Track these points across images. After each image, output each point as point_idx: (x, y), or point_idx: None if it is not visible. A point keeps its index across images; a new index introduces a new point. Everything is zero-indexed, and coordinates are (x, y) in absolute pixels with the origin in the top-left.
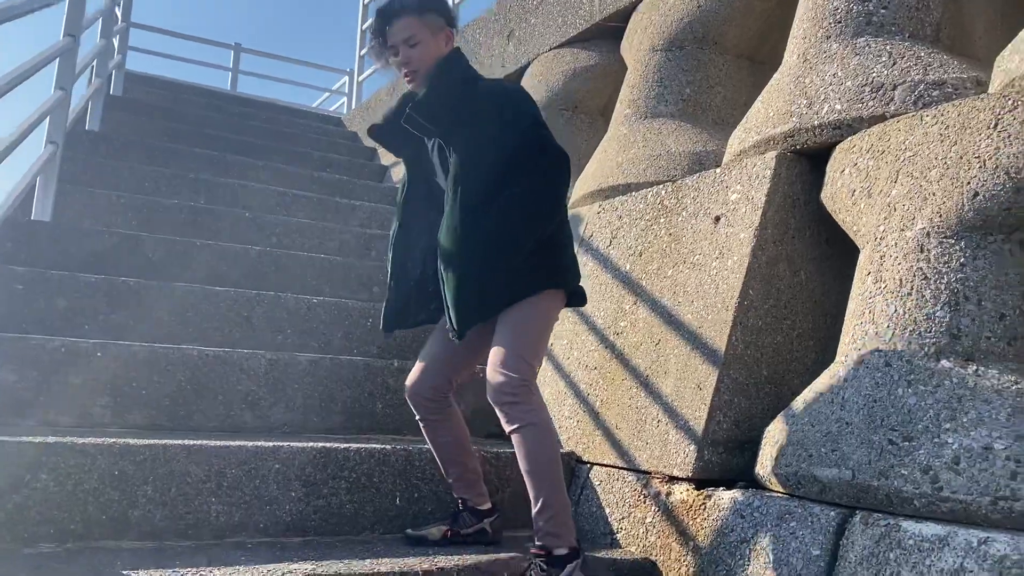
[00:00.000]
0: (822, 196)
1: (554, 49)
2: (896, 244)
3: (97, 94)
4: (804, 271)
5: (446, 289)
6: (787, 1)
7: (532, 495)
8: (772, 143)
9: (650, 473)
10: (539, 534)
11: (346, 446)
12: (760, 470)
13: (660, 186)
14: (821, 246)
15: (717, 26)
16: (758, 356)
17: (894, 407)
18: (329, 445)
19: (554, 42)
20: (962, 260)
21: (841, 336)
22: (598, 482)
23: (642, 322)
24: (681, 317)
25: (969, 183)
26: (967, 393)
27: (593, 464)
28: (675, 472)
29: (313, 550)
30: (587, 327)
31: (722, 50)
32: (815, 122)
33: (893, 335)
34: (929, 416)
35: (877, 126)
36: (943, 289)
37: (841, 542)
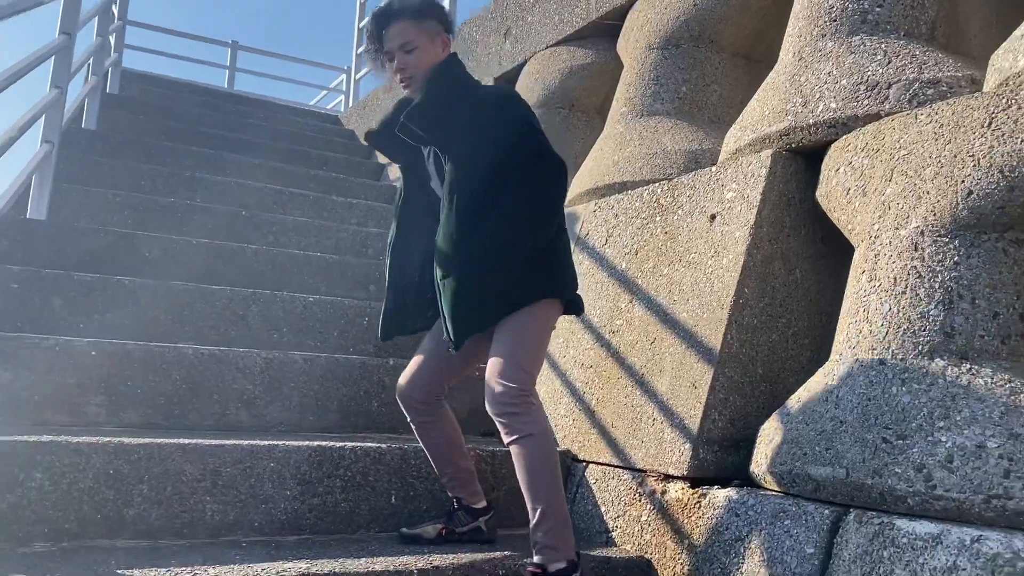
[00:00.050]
0: (817, 194)
1: (551, 47)
2: (890, 243)
3: (93, 92)
4: (799, 269)
5: (443, 299)
6: None
7: (530, 507)
8: (768, 141)
9: (645, 471)
10: (536, 547)
11: (341, 445)
12: (755, 468)
13: (656, 184)
14: (816, 244)
15: (713, 24)
16: (753, 354)
17: (888, 406)
18: (325, 444)
19: (551, 40)
20: (956, 259)
21: (836, 335)
22: (593, 480)
23: (638, 320)
24: (676, 315)
25: (963, 181)
26: (961, 392)
27: (589, 462)
28: (670, 470)
29: (308, 549)
30: (583, 325)
31: (718, 48)
32: (810, 120)
33: (887, 334)
34: (923, 415)
35: (872, 125)
36: (937, 288)
37: (835, 540)
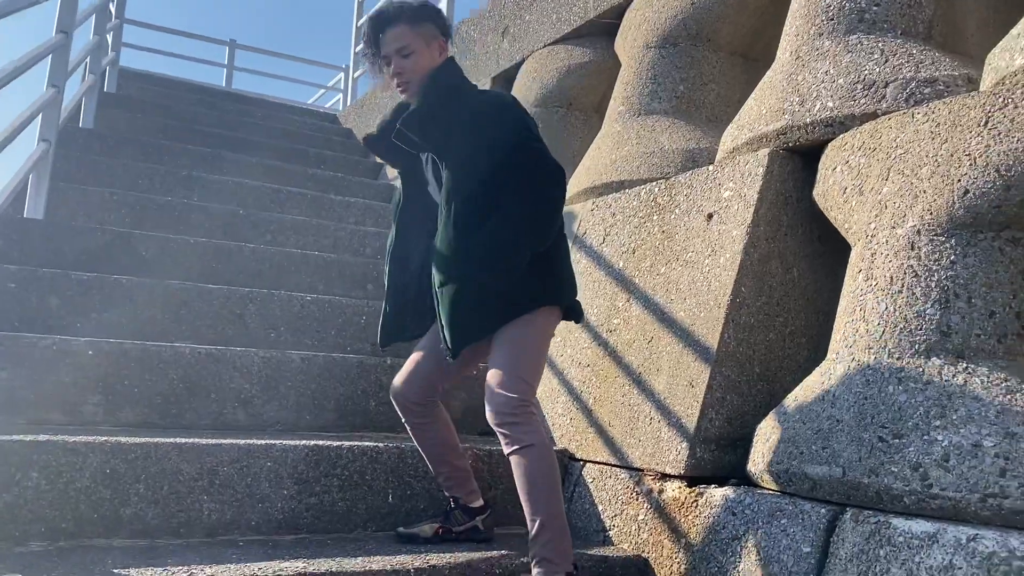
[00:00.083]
0: (814, 193)
1: (549, 46)
2: (887, 242)
3: (91, 91)
4: (796, 268)
5: (440, 307)
6: None
7: (529, 518)
8: (765, 140)
9: (643, 470)
10: (534, 560)
11: (339, 444)
12: (752, 467)
13: (653, 183)
14: (813, 243)
15: (711, 23)
16: (750, 353)
17: (884, 405)
18: (321, 443)
19: (548, 39)
20: (952, 258)
21: (832, 333)
22: (591, 479)
23: (635, 319)
24: (674, 314)
25: (960, 181)
26: (957, 391)
27: (586, 461)
28: (667, 469)
29: (305, 548)
30: (580, 324)
31: (716, 47)
32: (807, 120)
33: (884, 333)
34: (919, 414)
35: (869, 124)
36: (933, 287)
37: (831, 539)
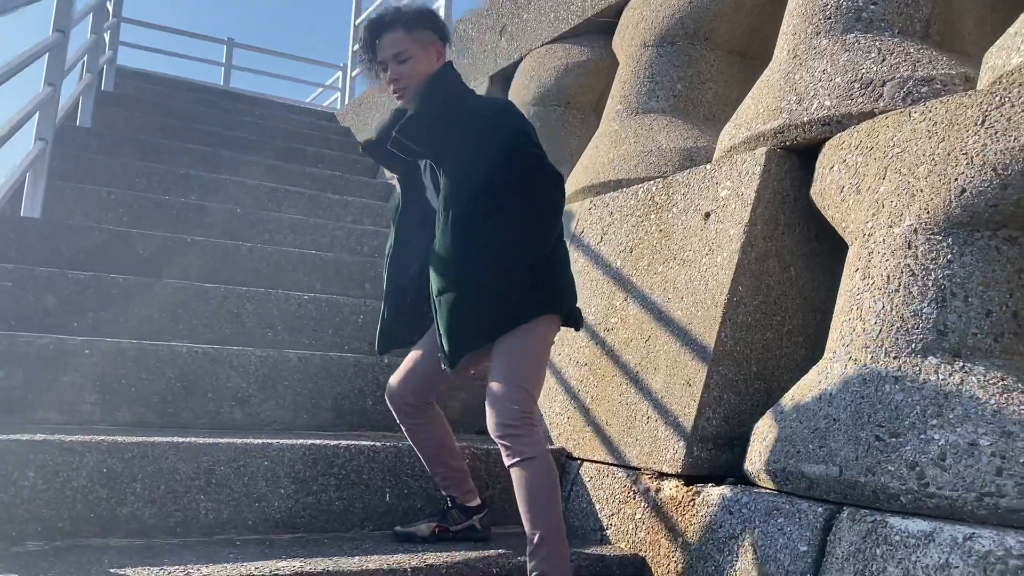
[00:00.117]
0: (812, 192)
1: (546, 44)
2: (884, 241)
3: (88, 90)
4: (794, 267)
5: (438, 316)
6: None
7: (528, 531)
8: (762, 139)
9: (640, 469)
10: (533, 574)
11: (336, 443)
12: (749, 466)
13: (651, 182)
14: (811, 242)
15: (708, 21)
16: (747, 352)
17: (881, 404)
18: (319, 442)
19: (546, 37)
20: (949, 257)
21: (829, 332)
22: (588, 478)
23: (632, 318)
24: (671, 313)
25: (957, 179)
26: (953, 390)
27: (583, 460)
28: (664, 468)
29: (302, 547)
30: None
31: (713, 46)
32: (805, 118)
33: (880, 332)
34: (916, 412)
35: (866, 122)
36: (930, 286)
37: (828, 538)
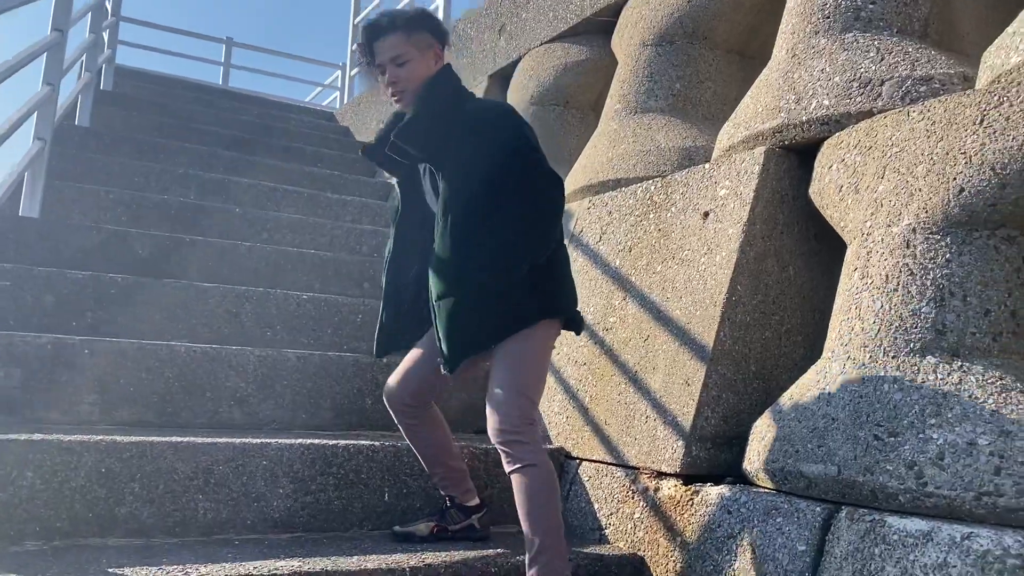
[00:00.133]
0: (810, 192)
1: (545, 44)
2: (882, 240)
3: (86, 89)
4: (792, 267)
5: (437, 321)
6: None
7: (527, 538)
8: (761, 139)
9: (638, 469)
10: None
11: (335, 442)
12: (747, 466)
13: (649, 182)
14: (810, 242)
15: (707, 21)
16: (746, 352)
17: (880, 403)
18: (317, 441)
19: (545, 37)
20: (948, 256)
21: (828, 332)
22: (587, 478)
23: (631, 318)
24: (670, 313)
25: (955, 179)
26: (952, 389)
27: (582, 460)
28: (663, 468)
29: (300, 547)
30: None
31: (712, 45)
32: (803, 118)
33: (879, 331)
34: (914, 412)
35: (864, 122)
36: (929, 285)
37: (827, 537)
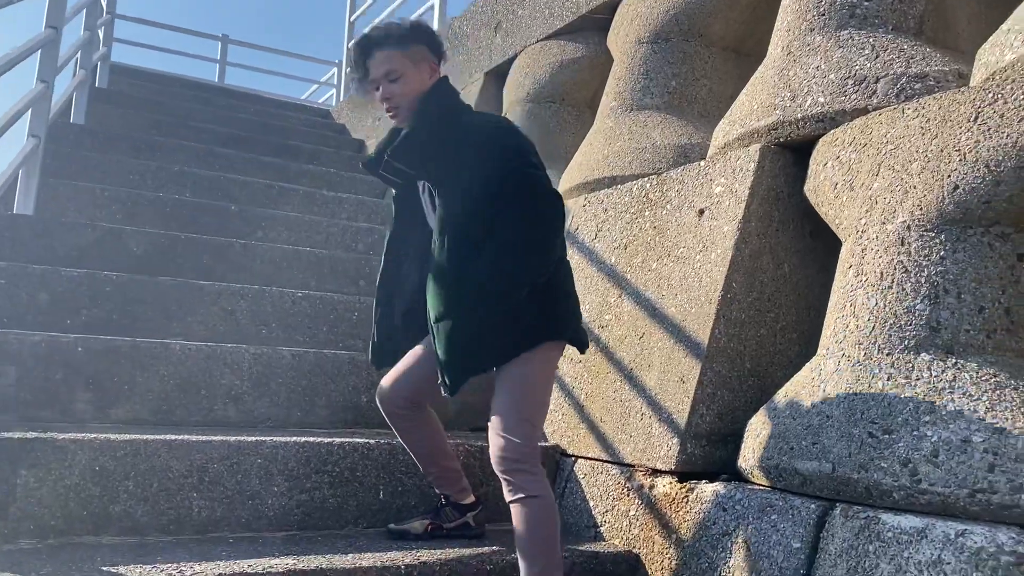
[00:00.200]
0: (805, 189)
1: (541, 41)
2: (877, 237)
3: (81, 86)
4: (788, 264)
5: (436, 342)
6: None
7: (524, 568)
8: (756, 136)
9: (634, 466)
10: None
11: (329, 440)
12: (742, 463)
13: (645, 179)
14: (805, 239)
15: (703, 18)
16: (741, 349)
17: (874, 400)
18: (312, 439)
19: (541, 34)
20: (942, 253)
21: (823, 329)
22: (582, 475)
23: (627, 315)
24: (665, 310)
25: (949, 176)
26: (946, 386)
27: (577, 457)
28: (658, 465)
29: (295, 545)
30: None
31: (708, 42)
32: (798, 115)
33: (874, 328)
34: (909, 409)
35: (860, 119)
36: (923, 282)
37: (822, 535)
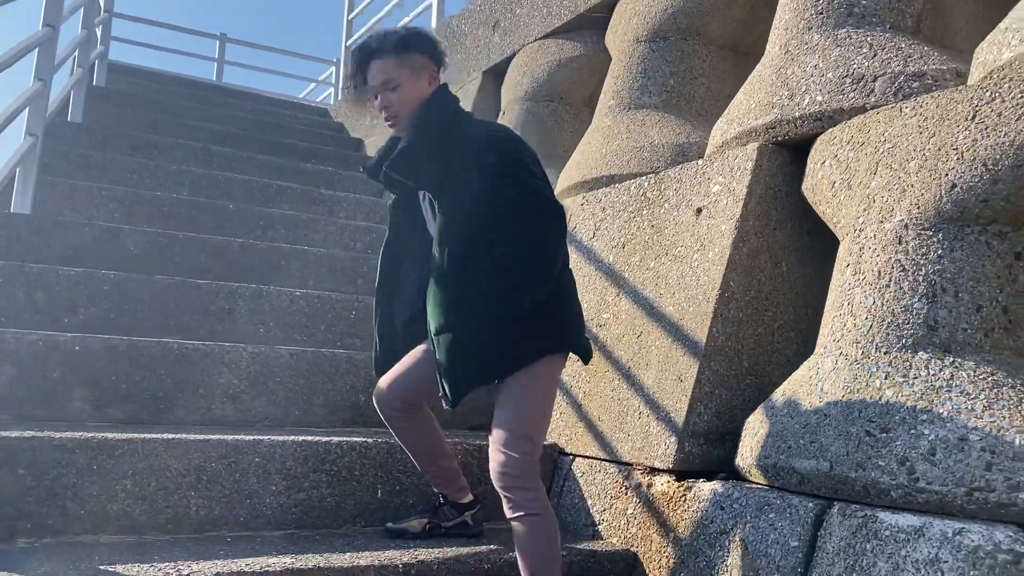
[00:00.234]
0: (803, 188)
1: (539, 40)
2: (875, 236)
3: (79, 85)
4: (785, 263)
5: (437, 355)
6: None
7: None
8: (754, 135)
9: (632, 465)
10: None
11: (327, 439)
12: (740, 461)
13: (643, 178)
14: (803, 238)
15: (701, 17)
16: (739, 348)
17: (872, 399)
18: (310, 438)
19: (539, 32)
20: (940, 252)
21: (821, 328)
22: (580, 474)
23: (624, 314)
24: (663, 309)
25: (947, 175)
26: (944, 385)
27: (575, 456)
28: (656, 464)
29: (293, 544)
30: None
31: (706, 41)
32: (796, 114)
33: (871, 327)
34: (906, 408)
35: (857, 118)
36: (921, 281)
37: (819, 533)
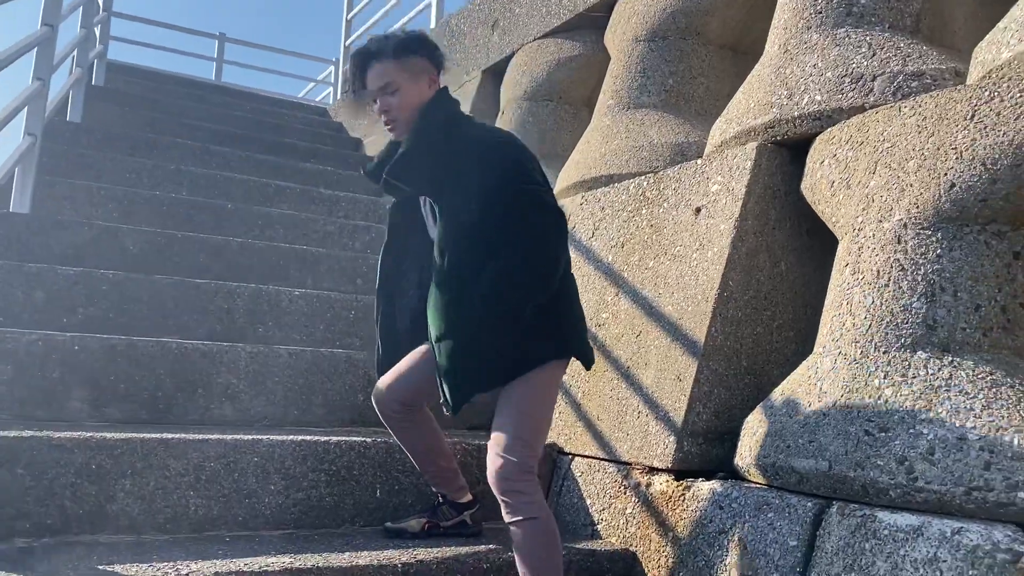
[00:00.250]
0: (802, 187)
1: (538, 39)
2: (874, 235)
3: (78, 84)
4: (784, 262)
5: (438, 361)
6: None
7: None
8: (753, 134)
9: (631, 464)
10: None
11: (326, 439)
12: (739, 461)
13: (642, 177)
14: (802, 237)
15: (700, 16)
16: (738, 347)
17: (870, 398)
18: (309, 438)
19: (538, 32)
20: (938, 251)
21: (820, 327)
22: (579, 473)
23: (623, 313)
24: (662, 308)
25: (946, 174)
26: (943, 384)
27: (574, 455)
28: (655, 463)
29: (292, 543)
30: None
31: (705, 40)
32: (795, 113)
33: (870, 326)
34: (905, 407)
35: (856, 117)
36: (920, 280)
37: (818, 532)
